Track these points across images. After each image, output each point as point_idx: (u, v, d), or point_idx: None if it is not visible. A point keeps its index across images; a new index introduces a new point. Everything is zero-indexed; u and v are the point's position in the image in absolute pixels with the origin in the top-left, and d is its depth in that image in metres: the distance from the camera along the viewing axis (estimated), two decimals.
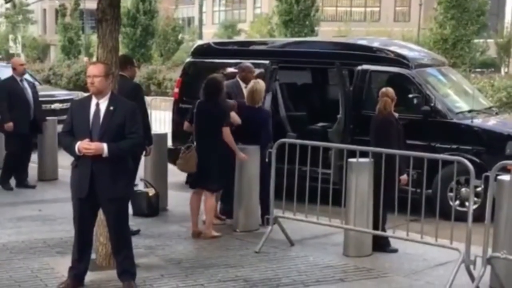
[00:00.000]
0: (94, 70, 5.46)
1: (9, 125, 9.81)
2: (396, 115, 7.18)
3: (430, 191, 8.06)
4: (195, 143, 7.39)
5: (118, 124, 5.40)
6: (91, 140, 5.34)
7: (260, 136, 7.80)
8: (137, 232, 7.30)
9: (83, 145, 5.32)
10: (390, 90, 7.21)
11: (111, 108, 5.42)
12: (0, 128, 10.04)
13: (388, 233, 6.81)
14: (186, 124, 7.60)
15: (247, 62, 8.93)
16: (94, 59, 7.44)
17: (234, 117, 7.65)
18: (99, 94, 5.44)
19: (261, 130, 7.84)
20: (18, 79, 10.02)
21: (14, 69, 10.14)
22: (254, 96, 7.86)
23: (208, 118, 7.32)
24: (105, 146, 5.32)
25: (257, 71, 8.98)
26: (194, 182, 7.52)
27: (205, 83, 7.49)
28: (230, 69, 9.04)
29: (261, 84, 8.00)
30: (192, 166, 7.35)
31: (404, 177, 6.68)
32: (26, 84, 10.12)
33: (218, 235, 7.47)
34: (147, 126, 7.49)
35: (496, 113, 10.19)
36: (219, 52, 10.97)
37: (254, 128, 7.75)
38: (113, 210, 5.53)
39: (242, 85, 8.50)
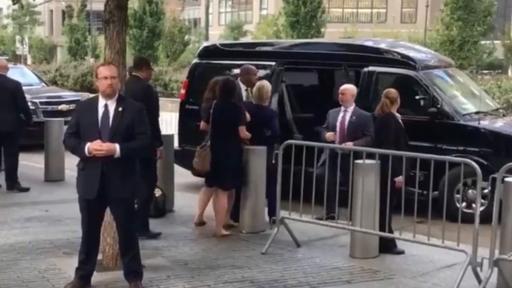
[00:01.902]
0: (111, 72, 5.46)
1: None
2: (398, 115, 7.15)
3: (436, 192, 8.05)
4: (209, 142, 7.50)
5: (127, 125, 5.41)
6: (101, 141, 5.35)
7: (264, 133, 7.87)
8: (158, 235, 7.36)
9: (94, 147, 5.32)
10: (391, 91, 7.21)
11: (120, 109, 5.43)
12: (27, 131, 10.06)
13: (395, 234, 6.81)
14: (203, 124, 7.74)
15: (249, 65, 8.87)
16: (101, 60, 7.45)
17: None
18: (113, 95, 5.45)
19: (264, 128, 7.91)
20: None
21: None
22: (262, 93, 7.95)
23: (225, 118, 7.43)
24: (117, 146, 5.33)
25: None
26: (210, 180, 7.64)
27: (221, 84, 7.60)
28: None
29: (268, 83, 8.14)
30: (206, 165, 7.47)
31: (399, 179, 6.63)
32: None
33: (228, 233, 7.53)
34: (156, 127, 7.40)
35: (503, 115, 10.16)
36: (226, 54, 10.98)
37: (258, 126, 7.80)
38: (123, 210, 5.55)
39: (243, 87, 8.47)
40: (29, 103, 14.41)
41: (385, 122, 7.04)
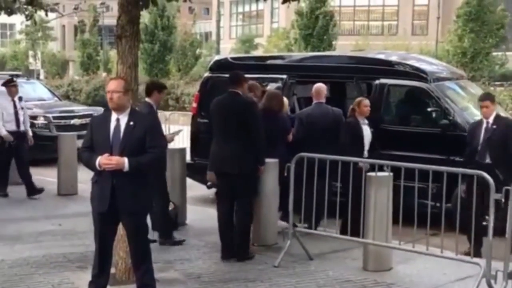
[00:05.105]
0: (113, 86, 5.52)
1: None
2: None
3: (449, 205, 8.00)
4: None
5: (139, 139, 5.44)
6: (111, 155, 5.38)
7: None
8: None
9: (103, 161, 5.36)
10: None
11: (131, 123, 5.47)
12: None
13: (408, 247, 6.77)
14: None
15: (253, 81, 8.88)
16: (114, 75, 7.48)
17: None
18: (119, 109, 5.49)
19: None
20: None
21: None
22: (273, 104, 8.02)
23: (269, 131, 7.36)
24: (125, 160, 5.36)
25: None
26: None
27: (266, 98, 7.57)
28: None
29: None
30: None
31: None
32: None
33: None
34: (254, 144, 7.05)
35: None
36: (237, 67, 10.98)
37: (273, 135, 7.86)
38: (134, 224, 5.55)
39: None
40: (42, 118, 14.72)
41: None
